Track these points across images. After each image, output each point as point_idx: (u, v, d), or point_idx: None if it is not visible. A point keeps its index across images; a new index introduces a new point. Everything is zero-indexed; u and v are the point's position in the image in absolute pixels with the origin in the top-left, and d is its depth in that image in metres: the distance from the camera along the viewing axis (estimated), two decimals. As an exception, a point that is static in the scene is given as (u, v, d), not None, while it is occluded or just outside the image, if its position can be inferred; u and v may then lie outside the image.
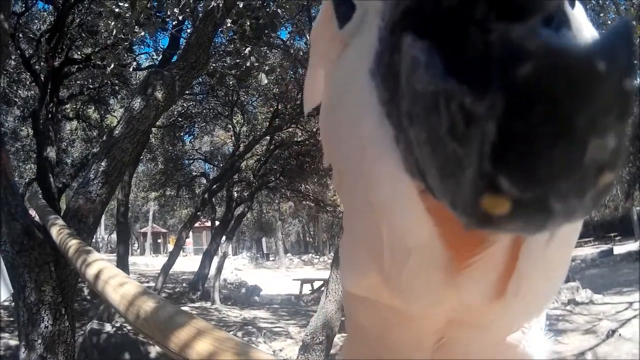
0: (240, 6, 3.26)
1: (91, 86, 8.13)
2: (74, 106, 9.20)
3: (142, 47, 7.99)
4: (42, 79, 6.71)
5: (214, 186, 10.20)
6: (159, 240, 30.16)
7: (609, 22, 5.00)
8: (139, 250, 29.12)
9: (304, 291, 11.48)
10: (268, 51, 6.14)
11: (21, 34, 6.88)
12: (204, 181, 12.89)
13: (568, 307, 7.62)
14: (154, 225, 28.37)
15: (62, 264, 2.70)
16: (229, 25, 3.45)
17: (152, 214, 26.38)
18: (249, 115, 10.49)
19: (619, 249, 15.59)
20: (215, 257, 10.58)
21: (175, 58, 4.62)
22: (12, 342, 4.94)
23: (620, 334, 5.70)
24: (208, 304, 9.60)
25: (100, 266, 1.69)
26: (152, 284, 9.39)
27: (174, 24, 3.78)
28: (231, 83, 8.11)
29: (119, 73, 6.29)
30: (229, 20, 3.38)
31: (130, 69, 5.45)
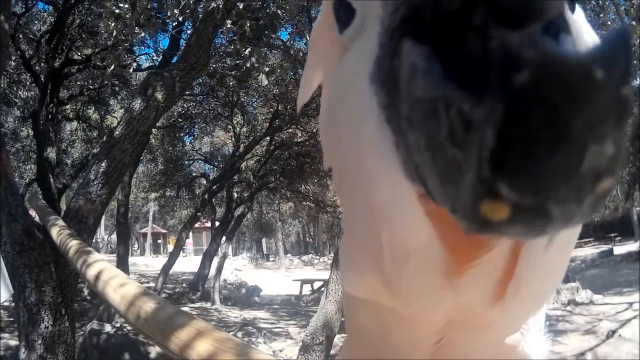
0: (240, 7, 3.26)
1: (91, 87, 8.12)
2: (74, 107, 9.19)
3: (142, 48, 8.00)
4: (42, 79, 6.71)
5: (214, 187, 10.19)
6: (159, 241, 30.14)
7: (608, 23, 5.00)
8: (139, 250, 29.09)
9: (304, 292, 11.47)
10: (268, 52, 6.14)
11: (21, 35, 6.88)
12: (204, 182, 12.88)
13: (568, 308, 7.61)
14: (154, 225, 28.35)
15: (62, 265, 2.70)
16: (229, 26, 3.45)
17: (152, 215, 26.36)
18: (249, 116, 10.47)
19: (619, 250, 15.56)
20: (215, 257, 10.57)
21: (175, 59, 4.62)
22: (12, 343, 4.94)
23: (620, 335, 5.69)
24: (208, 305, 9.59)
25: (101, 267, 1.68)
26: (152, 284, 9.38)
27: (174, 25, 3.78)
28: (231, 84, 8.10)
29: (119, 74, 6.30)
30: (229, 21, 3.38)
31: (131, 69, 5.44)
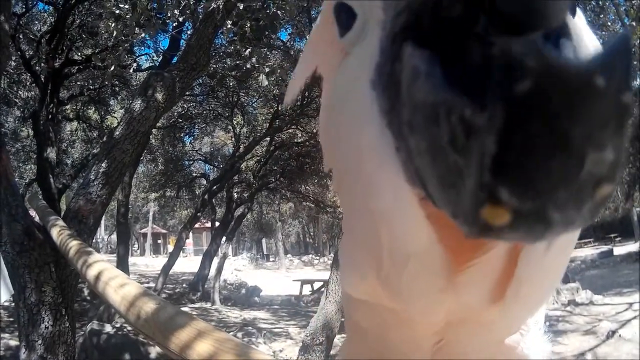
0: (241, 8, 3.26)
1: (91, 87, 8.12)
2: (74, 107, 9.19)
3: (143, 48, 7.99)
4: (43, 79, 6.71)
5: (214, 187, 10.18)
6: (159, 241, 30.13)
7: (608, 24, 5.00)
8: (139, 251, 29.07)
9: (304, 292, 11.47)
10: (268, 52, 6.14)
11: (22, 35, 6.88)
12: (204, 182, 12.86)
13: (568, 308, 7.61)
14: (154, 226, 28.33)
15: (62, 265, 2.70)
16: (229, 26, 3.45)
17: (152, 215, 26.35)
18: (249, 117, 10.47)
19: (619, 250, 15.56)
20: (215, 257, 10.56)
21: (175, 59, 4.62)
22: (13, 343, 4.93)
23: (620, 335, 5.69)
24: (208, 305, 9.59)
25: (101, 267, 1.68)
26: (152, 284, 9.37)
27: (174, 25, 3.77)
28: (231, 84, 8.10)
29: (120, 74, 6.30)
30: (229, 21, 3.38)
31: (131, 70, 5.44)
